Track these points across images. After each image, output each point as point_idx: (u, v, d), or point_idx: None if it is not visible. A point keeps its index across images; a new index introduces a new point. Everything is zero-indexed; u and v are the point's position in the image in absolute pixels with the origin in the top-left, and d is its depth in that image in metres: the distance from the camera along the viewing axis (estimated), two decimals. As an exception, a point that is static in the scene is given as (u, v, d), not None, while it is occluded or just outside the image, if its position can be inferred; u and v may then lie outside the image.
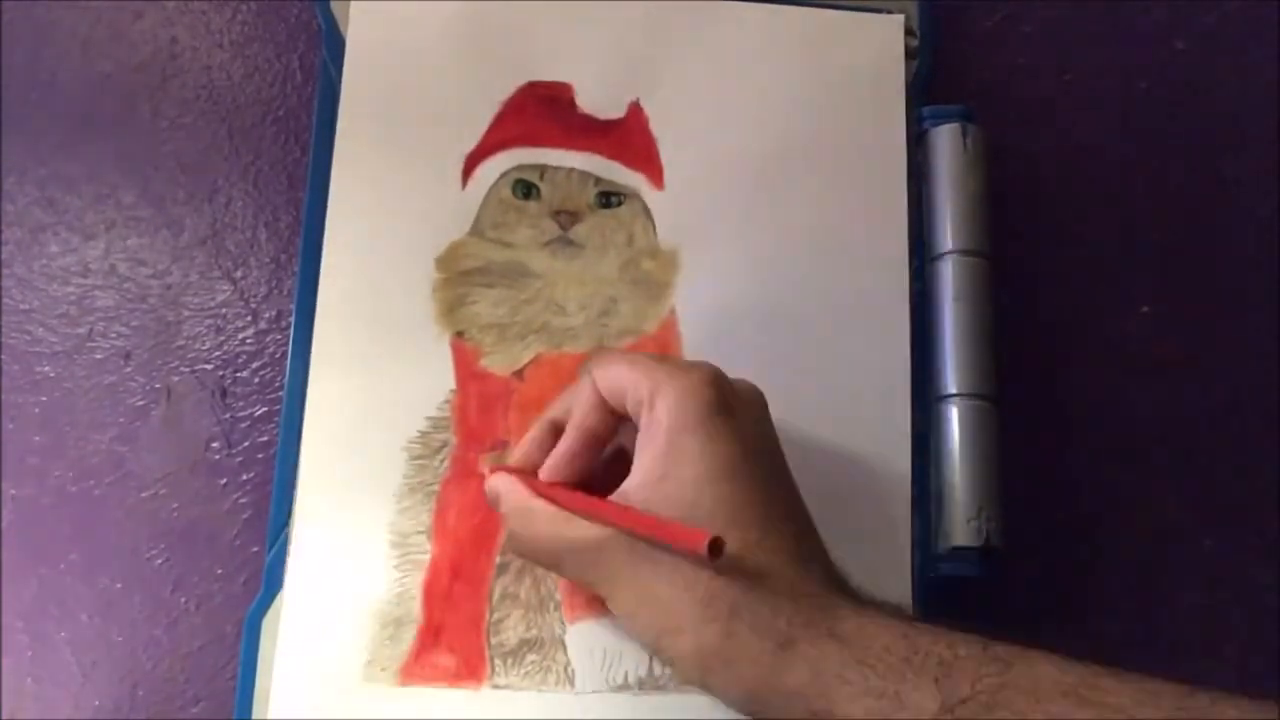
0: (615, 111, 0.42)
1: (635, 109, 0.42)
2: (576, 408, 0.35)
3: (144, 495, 0.40)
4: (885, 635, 0.29)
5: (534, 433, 0.36)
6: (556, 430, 0.36)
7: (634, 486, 0.32)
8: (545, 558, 0.34)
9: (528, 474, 0.35)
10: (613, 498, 0.33)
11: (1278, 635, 0.42)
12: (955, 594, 0.39)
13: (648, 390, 0.33)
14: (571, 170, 0.41)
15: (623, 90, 0.42)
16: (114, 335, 0.41)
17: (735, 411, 0.33)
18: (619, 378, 0.34)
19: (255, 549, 0.39)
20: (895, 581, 0.38)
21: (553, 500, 0.34)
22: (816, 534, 0.33)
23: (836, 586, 0.32)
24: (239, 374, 0.41)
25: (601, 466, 0.35)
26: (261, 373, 0.41)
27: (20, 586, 0.39)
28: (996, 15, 0.47)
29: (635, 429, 0.33)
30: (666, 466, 0.32)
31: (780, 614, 0.30)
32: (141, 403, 0.41)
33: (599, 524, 0.32)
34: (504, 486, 0.35)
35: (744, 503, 0.31)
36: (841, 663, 0.29)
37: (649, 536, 0.31)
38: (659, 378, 0.33)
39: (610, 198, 0.41)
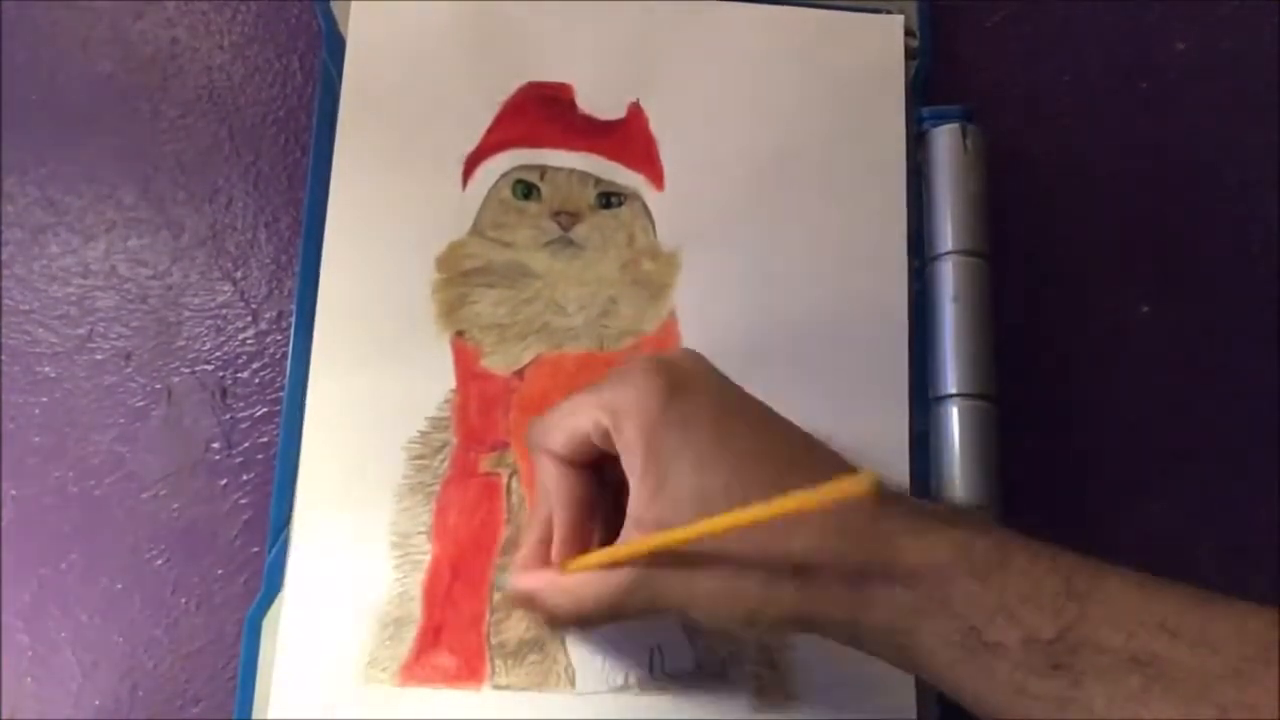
0: (615, 112, 0.42)
1: (635, 109, 0.42)
2: (551, 488, 0.34)
3: (144, 496, 0.40)
4: (949, 566, 0.29)
5: (531, 538, 0.35)
6: (548, 524, 0.34)
7: (641, 508, 0.31)
8: (604, 615, 0.32)
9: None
10: (626, 528, 0.31)
11: (1278, 635, 0.42)
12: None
13: (607, 418, 0.32)
14: (572, 171, 0.41)
15: (623, 90, 0.42)
16: (114, 336, 0.41)
17: (689, 384, 0.32)
18: (572, 429, 0.33)
19: (255, 549, 0.39)
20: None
21: (591, 566, 0.32)
22: (825, 447, 0.32)
23: (882, 498, 0.29)
24: (239, 374, 0.41)
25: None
26: (262, 373, 0.41)
27: (20, 586, 0.39)
28: (996, 15, 0.47)
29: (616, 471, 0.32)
30: (659, 473, 0.31)
31: (838, 555, 0.29)
32: (142, 403, 0.41)
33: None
34: (533, 580, 0.34)
35: (751, 459, 0.31)
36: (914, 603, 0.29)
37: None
38: (608, 400, 0.32)
39: (610, 198, 0.41)
